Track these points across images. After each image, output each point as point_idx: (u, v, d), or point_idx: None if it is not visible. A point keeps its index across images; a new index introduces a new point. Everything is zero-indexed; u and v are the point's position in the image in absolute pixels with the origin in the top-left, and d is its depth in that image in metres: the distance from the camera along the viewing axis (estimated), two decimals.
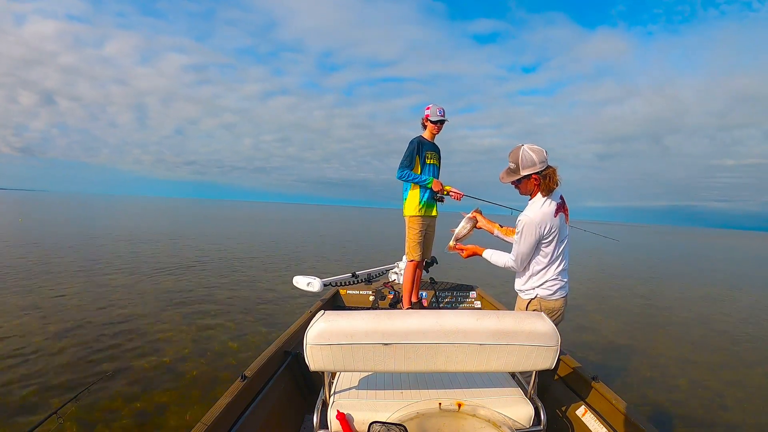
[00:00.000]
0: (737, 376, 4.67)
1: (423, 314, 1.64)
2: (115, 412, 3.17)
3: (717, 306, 8.89)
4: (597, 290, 9.77)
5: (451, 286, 4.31)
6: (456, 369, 1.61)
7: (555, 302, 2.15)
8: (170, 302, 6.38)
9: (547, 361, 1.63)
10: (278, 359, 2.48)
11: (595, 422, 2.06)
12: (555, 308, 2.15)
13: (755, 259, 24.69)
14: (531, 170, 2.02)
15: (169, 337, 4.84)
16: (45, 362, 3.97)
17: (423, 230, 3.48)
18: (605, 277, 12.11)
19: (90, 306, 5.95)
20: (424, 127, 3.51)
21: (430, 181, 3.37)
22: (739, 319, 7.65)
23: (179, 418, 3.11)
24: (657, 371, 4.64)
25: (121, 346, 4.46)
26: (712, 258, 24.04)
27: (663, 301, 9.13)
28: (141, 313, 5.73)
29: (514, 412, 1.67)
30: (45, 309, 5.69)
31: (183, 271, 9.07)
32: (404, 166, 3.38)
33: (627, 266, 15.95)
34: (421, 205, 3.44)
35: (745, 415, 3.75)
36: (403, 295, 3.70)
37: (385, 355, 1.55)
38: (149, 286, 7.42)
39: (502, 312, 1.71)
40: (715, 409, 3.84)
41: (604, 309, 7.75)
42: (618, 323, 6.76)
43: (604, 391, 2.13)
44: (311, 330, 1.54)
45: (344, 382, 1.86)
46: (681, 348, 5.63)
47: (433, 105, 3.41)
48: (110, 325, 5.11)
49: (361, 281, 4.39)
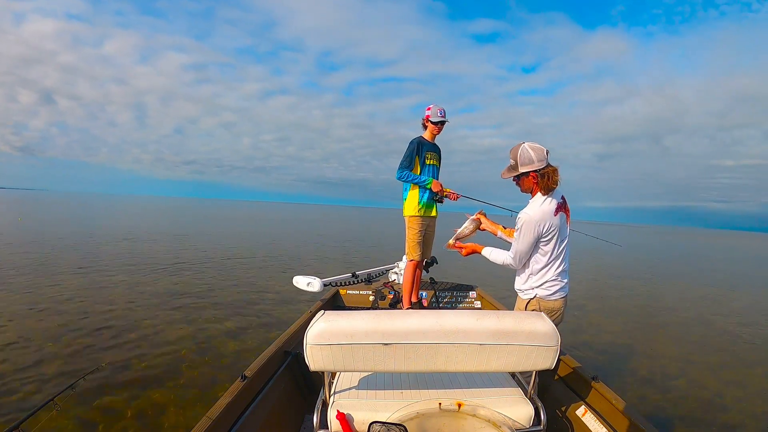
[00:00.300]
0: (737, 376, 4.67)
1: (423, 314, 1.64)
2: (113, 410, 3.16)
3: (716, 306, 8.89)
4: (597, 290, 9.77)
5: (451, 286, 4.31)
6: (456, 369, 1.61)
7: (554, 302, 2.14)
8: (169, 302, 6.38)
9: (547, 361, 1.63)
10: (278, 359, 2.48)
11: (595, 422, 2.06)
12: (554, 308, 2.14)
13: (754, 260, 24.71)
14: (529, 168, 2.03)
15: (168, 336, 4.83)
16: (42, 358, 3.98)
17: (422, 230, 3.49)
18: (605, 278, 12.12)
19: (89, 304, 5.95)
20: (424, 128, 3.51)
21: (429, 182, 3.38)
22: (738, 320, 7.65)
23: (178, 417, 3.11)
24: (656, 371, 4.64)
25: (119, 345, 4.45)
26: (711, 258, 24.07)
27: (662, 301, 9.13)
28: (140, 312, 5.72)
29: (514, 412, 1.67)
30: (43, 307, 5.69)
31: (183, 271, 9.07)
32: (404, 166, 3.39)
33: (626, 266, 15.96)
34: (421, 205, 3.44)
35: (743, 415, 3.75)
36: (403, 295, 3.70)
37: (385, 355, 1.55)
38: (148, 286, 7.42)
39: (502, 312, 1.71)
40: (714, 409, 3.84)
41: (603, 309, 7.75)
42: (617, 323, 6.76)
43: (604, 391, 2.13)
44: (311, 330, 1.54)
45: (344, 382, 1.86)
46: (680, 348, 5.64)
47: (434, 105, 3.41)
48: (109, 324, 5.10)
49: (361, 281, 4.38)
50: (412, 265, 3.55)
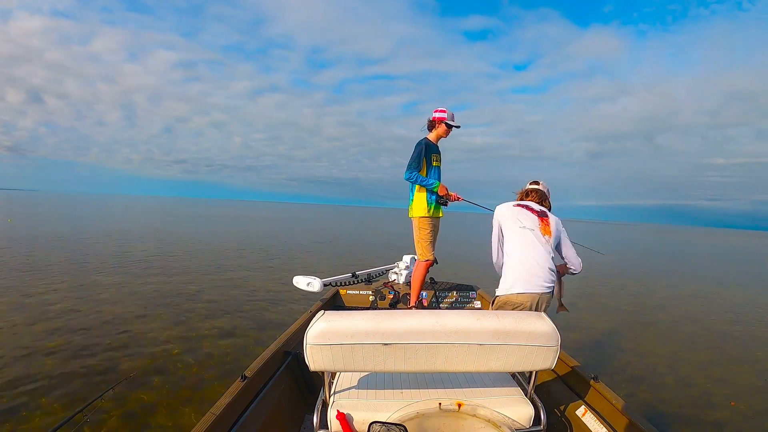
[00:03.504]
0: (727, 374, 4.70)
1: (423, 314, 1.64)
2: (101, 410, 3.12)
3: (706, 303, 8.92)
4: (586, 288, 9.76)
5: (451, 286, 4.31)
6: (456, 369, 1.62)
7: (517, 297, 2.28)
8: (167, 302, 6.36)
9: (547, 361, 1.63)
10: (278, 359, 2.48)
11: (595, 422, 2.06)
12: (517, 302, 2.27)
13: (745, 257, 24.74)
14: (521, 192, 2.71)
15: (167, 336, 4.82)
16: (31, 361, 3.92)
17: (433, 230, 3.53)
18: (595, 276, 12.12)
19: (80, 305, 5.89)
20: (429, 129, 3.54)
21: (436, 186, 3.41)
22: (729, 317, 7.68)
23: (177, 417, 3.11)
24: (646, 369, 4.65)
25: (110, 346, 4.42)
26: (702, 256, 24.08)
27: (652, 298, 9.14)
28: (134, 313, 5.67)
29: (514, 412, 1.67)
30: (33, 309, 5.63)
31: (182, 271, 9.06)
32: (413, 168, 3.39)
33: (617, 264, 15.96)
34: (430, 206, 3.48)
35: (732, 412, 3.76)
36: (411, 294, 3.74)
37: (385, 355, 1.55)
38: (142, 287, 7.37)
39: (502, 312, 1.71)
40: (703, 405, 3.87)
41: (593, 307, 7.75)
42: (607, 321, 6.76)
43: (604, 391, 2.13)
44: (311, 330, 1.54)
45: (344, 382, 1.86)
46: (670, 345, 5.65)
47: (448, 110, 3.48)
48: (103, 326, 5.07)
49: (361, 281, 4.39)
50: (427, 264, 3.58)
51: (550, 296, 2.35)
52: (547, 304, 2.34)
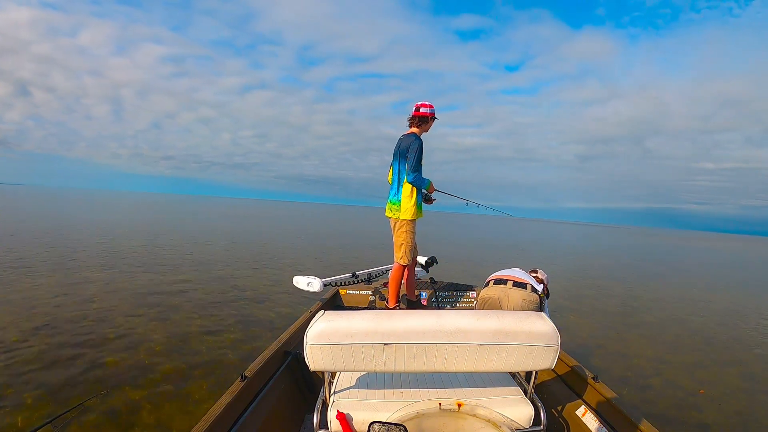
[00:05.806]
0: (710, 376, 4.75)
1: (423, 314, 1.64)
2: (89, 409, 3.10)
3: (693, 307, 8.95)
4: (573, 290, 9.75)
5: (451, 286, 4.30)
6: (456, 369, 1.61)
7: (486, 290, 2.80)
8: (166, 302, 6.33)
9: (547, 361, 1.63)
10: (278, 359, 2.48)
11: (594, 422, 2.06)
12: (486, 296, 2.77)
13: (732, 262, 24.83)
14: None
15: (166, 337, 4.79)
16: (16, 358, 3.88)
17: (415, 232, 3.42)
18: (582, 278, 12.12)
19: (66, 301, 5.84)
20: (417, 125, 3.34)
21: (428, 184, 3.33)
22: (717, 320, 7.72)
23: (177, 418, 3.10)
24: (632, 371, 4.68)
25: (95, 343, 4.40)
26: (690, 260, 24.10)
27: (639, 301, 9.16)
28: (128, 312, 5.63)
29: (514, 412, 1.67)
30: (17, 305, 5.56)
31: (182, 271, 9.04)
32: (419, 169, 3.23)
33: (604, 267, 15.98)
34: (419, 209, 3.38)
35: (718, 414, 3.78)
36: (389, 298, 3.62)
37: (385, 355, 1.55)
38: (126, 283, 7.32)
39: (502, 312, 1.71)
40: (688, 406, 3.90)
41: (580, 309, 7.75)
42: (593, 323, 6.77)
43: (604, 391, 2.13)
44: (311, 330, 1.54)
45: (344, 382, 1.86)
46: (656, 348, 5.67)
47: (428, 102, 3.34)
48: (96, 324, 5.02)
49: (361, 281, 4.38)
50: (402, 268, 3.47)
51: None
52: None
